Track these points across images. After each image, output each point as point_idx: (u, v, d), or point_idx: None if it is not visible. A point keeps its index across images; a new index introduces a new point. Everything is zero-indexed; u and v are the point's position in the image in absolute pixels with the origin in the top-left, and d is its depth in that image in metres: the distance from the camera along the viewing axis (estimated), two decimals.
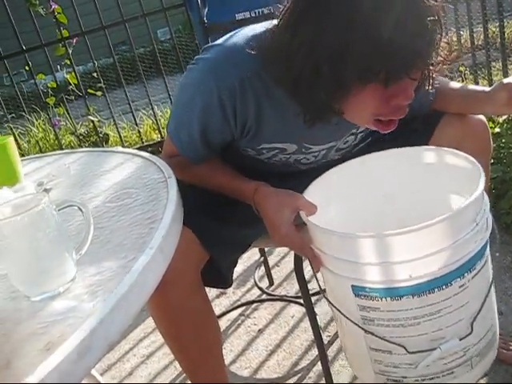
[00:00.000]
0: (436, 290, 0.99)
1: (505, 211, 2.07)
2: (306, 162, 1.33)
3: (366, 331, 1.06)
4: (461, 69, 3.08)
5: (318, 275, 1.15)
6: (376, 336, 1.05)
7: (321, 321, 1.86)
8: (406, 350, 1.04)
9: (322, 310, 1.93)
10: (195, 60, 1.21)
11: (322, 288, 1.16)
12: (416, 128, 1.37)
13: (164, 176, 1.08)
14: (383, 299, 1.01)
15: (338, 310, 1.11)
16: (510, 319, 1.69)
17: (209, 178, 1.28)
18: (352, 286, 1.03)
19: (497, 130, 2.30)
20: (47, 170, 1.37)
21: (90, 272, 0.80)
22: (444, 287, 0.99)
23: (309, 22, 1.00)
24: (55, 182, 1.25)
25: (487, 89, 1.27)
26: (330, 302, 1.14)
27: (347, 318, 1.08)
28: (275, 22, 1.11)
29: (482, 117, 1.36)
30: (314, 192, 1.18)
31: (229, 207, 1.26)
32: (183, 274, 1.16)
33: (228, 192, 1.25)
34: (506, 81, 1.22)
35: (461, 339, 1.03)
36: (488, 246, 1.06)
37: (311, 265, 1.12)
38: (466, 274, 1.00)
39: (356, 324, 1.07)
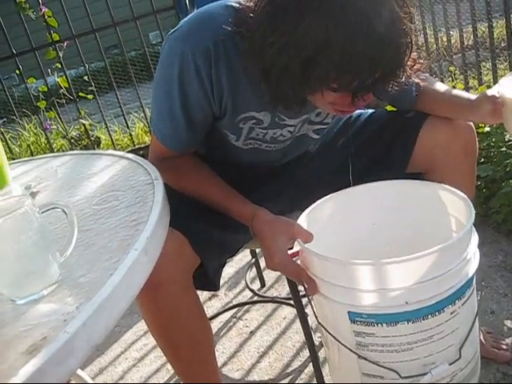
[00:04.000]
0: (430, 316, 1.03)
1: (495, 210, 2.07)
2: (283, 139, 1.32)
3: (359, 356, 1.09)
4: (451, 69, 3.09)
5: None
6: (369, 361, 1.07)
7: (312, 322, 1.85)
8: (398, 374, 1.06)
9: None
10: (166, 37, 1.20)
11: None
12: (400, 129, 1.37)
13: (151, 178, 1.08)
14: (379, 325, 1.04)
15: (332, 335, 1.13)
16: (500, 318, 1.69)
17: (203, 193, 1.27)
18: (348, 312, 1.06)
19: (486, 129, 2.30)
20: (35, 173, 1.36)
21: (75, 274, 0.79)
22: (437, 313, 1.03)
23: (287, 21, 0.99)
24: (42, 185, 1.24)
25: (472, 97, 1.28)
26: (324, 328, 1.16)
27: (342, 343, 1.10)
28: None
29: None
30: (309, 220, 1.21)
31: (218, 212, 1.26)
32: (175, 276, 1.16)
33: (223, 210, 1.25)
34: (489, 92, 1.24)
35: (450, 364, 1.07)
36: (475, 276, 1.11)
37: (305, 290, 1.13)
38: (456, 301, 1.05)
39: (350, 349, 1.09)
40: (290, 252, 1.17)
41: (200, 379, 1.31)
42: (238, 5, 1.14)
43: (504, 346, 1.57)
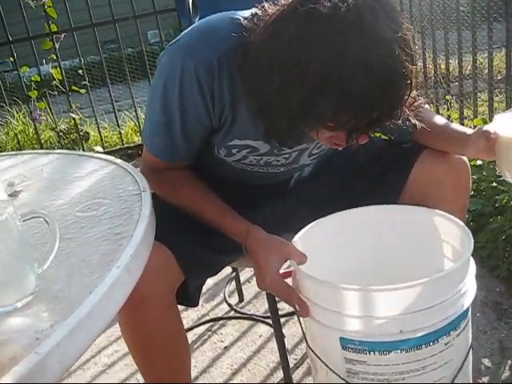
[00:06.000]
0: (424, 346, 1.01)
1: (481, 244, 2.07)
2: (277, 163, 1.30)
3: None
4: (447, 97, 3.08)
5: None
6: None
7: (288, 343, 1.83)
8: None
9: (290, 331, 1.90)
10: (166, 48, 1.16)
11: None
12: (395, 159, 1.36)
13: (139, 188, 1.05)
14: (371, 353, 1.01)
15: (322, 361, 1.10)
16: (479, 356, 1.67)
17: (197, 207, 1.24)
18: (340, 338, 1.03)
19: (479, 162, 2.29)
20: (20, 170, 1.32)
21: (52, 288, 0.76)
22: (431, 344, 1.01)
23: (286, 61, 0.97)
24: (26, 184, 1.21)
25: (468, 131, 1.26)
26: (313, 352, 1.13)
27: (331, 370, 1.08)
28: (256, 14, 1.09)
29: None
30: (303, 241, 1.19)
31: (207, 231, 1.23)
32: (160, 292, 1.13)
33: (216, 226, 1.22)
34: (485, 128, 1.21)
35: None
36: (470, 308, 1.09)
37: (296, 313, 1.12)
38: (451, 332, 1.03)
39: (340, 377, 1.07)
40: (281, 272, 1.15)
41: None
42: (243, 20, 1.11)
43: None
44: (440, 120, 1.34)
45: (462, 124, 2.80)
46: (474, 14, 2.67)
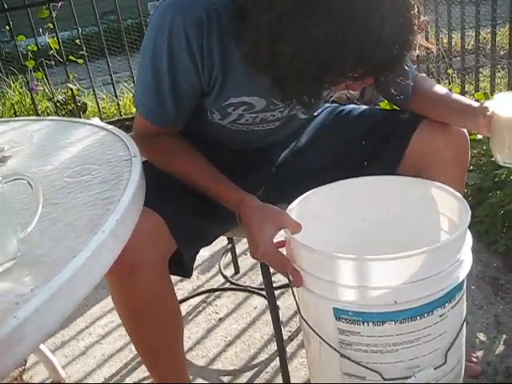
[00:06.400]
0: (418, 317, 1.00)
1: (479, 219, 2.05)
2: (272, 119, 1.28)
3: (342, 355, 1.05)
4: (448, 71, 3.04)
5: None
6: (352, 361, 1.04)
7: (283, 315, 1.82)
8: (381, 376, 1.03)
9: (285, 303, 1.89)
10: (157, 5, 1.13)
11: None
12: (395, 128, 1.33)
13: (129, 154, 1.02)
14: (365, 324, 1.00)
15: (315, 332, 1.09)
16: (474, 330, 1.66)
17: (190, 175, 1.22)
18: (334, 308, 1.02)
19: (479, 136, 2.26)
20: (10, 136, 1.30)
21: (35, 252, 0.74)
22: (426, 315, 1.00)
23: (293, 28, 0.94)
24: (16, 150, 1.18)
25: (474, 104, 1.24)
26: (306, 323, 1.12)
27: (324, 340, 1.07)
28: None
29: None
30: (298, 211, 1.17)
31: (200, 200, 1.21)
32: (152, 260, 1.11)
33: (211, 195, 1.20)
34: (485, 104, 1.20)
35: (435, 368, 1.04)
36: (465, 280, 1.08)
37: (290, 283, 1.10)
38: (446, 304, 1.02)
39: (333, 347, 1.05)
40: (275, 241, 1.13)
41: (164, 365, 1.26)
42: None
43: (474, 359, 1.54)
44: (441, 89, 1.32)
45: None
46: None
